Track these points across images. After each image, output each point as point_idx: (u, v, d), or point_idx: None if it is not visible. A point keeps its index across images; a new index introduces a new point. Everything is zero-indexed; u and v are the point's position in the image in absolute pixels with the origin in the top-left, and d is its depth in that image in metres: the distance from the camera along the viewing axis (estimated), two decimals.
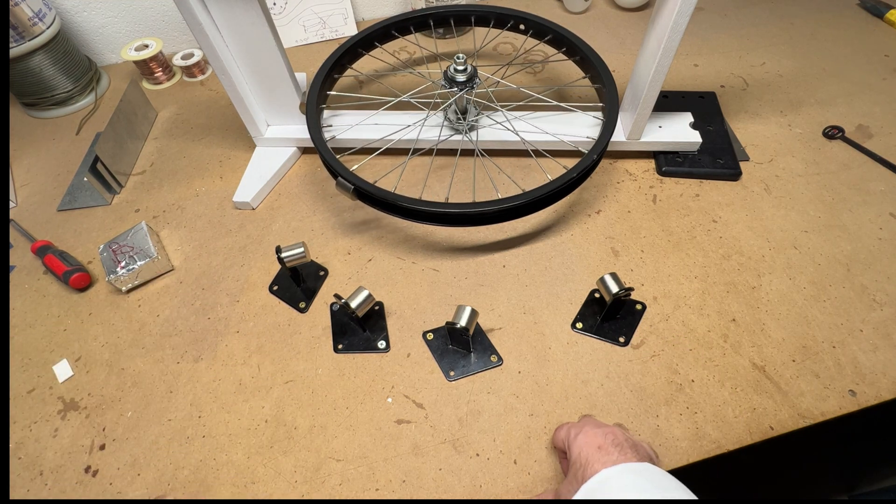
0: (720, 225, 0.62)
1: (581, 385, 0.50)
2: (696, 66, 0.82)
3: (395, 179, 0.67)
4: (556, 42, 0.69)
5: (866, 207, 0.62)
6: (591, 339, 0.53)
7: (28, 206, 0.71)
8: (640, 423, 0.47)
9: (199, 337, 0.56)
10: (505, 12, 0.70)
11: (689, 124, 0.68)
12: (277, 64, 0.64)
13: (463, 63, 0.61)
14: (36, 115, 0.85)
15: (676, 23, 0.51)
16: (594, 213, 0.64)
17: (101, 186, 0.69)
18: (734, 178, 0.66)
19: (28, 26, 0.74)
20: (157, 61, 0.86)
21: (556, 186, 0.55)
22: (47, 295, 0.61)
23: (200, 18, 0.57)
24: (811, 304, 0.55)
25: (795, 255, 0.59)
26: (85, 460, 0.48)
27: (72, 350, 0.56)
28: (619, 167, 0.69)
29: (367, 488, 0.45)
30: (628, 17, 0.94)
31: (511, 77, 0.75)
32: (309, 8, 0.92)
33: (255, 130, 0.70)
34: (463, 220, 0.57)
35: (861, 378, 0.49)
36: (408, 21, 0.71)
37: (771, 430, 0.47)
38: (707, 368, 0.51)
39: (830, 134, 0.71)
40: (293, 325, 0.56)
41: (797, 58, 0.83)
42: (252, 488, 0.46)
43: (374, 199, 0.57)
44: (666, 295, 0.56)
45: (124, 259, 0.59)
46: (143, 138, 0.78)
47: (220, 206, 0.68)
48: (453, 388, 0.51)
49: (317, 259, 0.61)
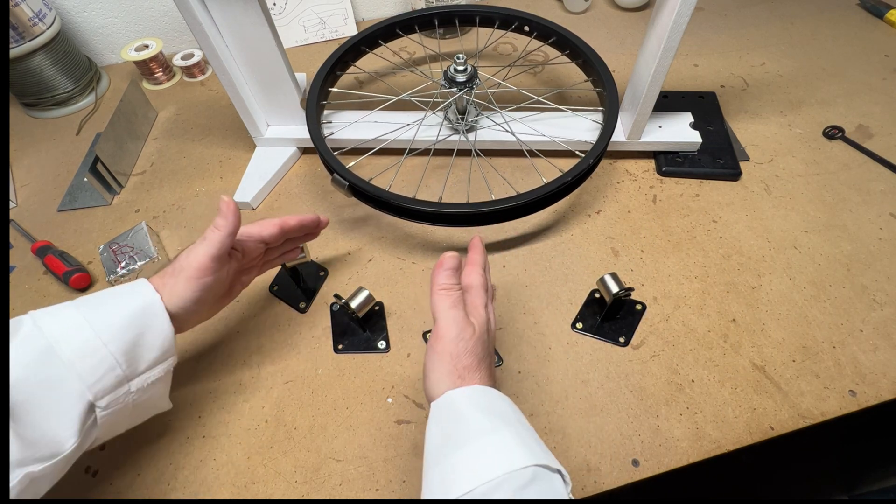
0: (720, 225, 0.62)
1: (581, 385, 0.50)
2: (696, 66, 0.82)
3: (393, 178, 0.67)
4: (559, 45, 0.69)
5: (866, 207, 0.63)
6: (591, 339, 0.53)
7: (28, 206, 0.71)
8: (640, 423, 0.47)
9: (199, 337, 0.56)
10: (510, 13, 0.70)
11: (689, 124, 0.68)
12: (277, 64, 0.64)
13: (463, 63, 0.61)
14: (36, 116, 0.85)
15: (676, 23, 0.51)
16: (594, 213, 0.64)
17: (101, 186, 0.69)
18: (734, 178, 0.66)
19: (28, 26, 0.74)
20: (157, 61, 0.86)
21: (549, 190, 0.55)
22: (47, 295, 0.61)
23: (200, 18, 0.57)
24: (811, 304, 0.55)
25: (795, 255, 0.59)
26: (85, 460, 0.48)
27: None
28: (619, 167, 0.69)
29: (367, 488, 0.45)
30: (628, 17, 0.94)
31: (511, 78, 0.75)
32: (309, 8, 0.92)
33: (255, 130, 0.70)
34: (455, 219, 0.57)
35: (861, 378, 0.49)
36: (413, 20, 0.72)
37: (771, 430, 0.47)
38: (707, 368, 0.51)
39: (830, 134, 0.71)
40: (293, 325, 0.56)
41: (797, 58, 0.83)
42: (252, 488, 0.46)
43: (369, 197, 0.58)
44: (666, 295, 0.56)
45: (124, 259, 0.59)
46: (143, 138, 0.79)
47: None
48: None
49: (317, 259, 0.61)
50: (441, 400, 0.36)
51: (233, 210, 0.42)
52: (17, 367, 0.33)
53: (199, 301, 0.42)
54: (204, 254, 0.41)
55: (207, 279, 0.42)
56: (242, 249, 0.47)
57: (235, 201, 0.40)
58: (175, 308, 0.40)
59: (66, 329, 0.35)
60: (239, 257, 0.46)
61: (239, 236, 0.45)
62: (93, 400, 0.35)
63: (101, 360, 0.35)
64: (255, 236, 0.47)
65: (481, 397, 0.36)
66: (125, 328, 0.37)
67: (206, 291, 0.42)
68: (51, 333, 0.35)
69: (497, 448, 0.33)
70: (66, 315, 0.36)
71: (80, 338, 0.35)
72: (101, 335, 0.36)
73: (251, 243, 0.47)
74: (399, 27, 0.72)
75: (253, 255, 0.48)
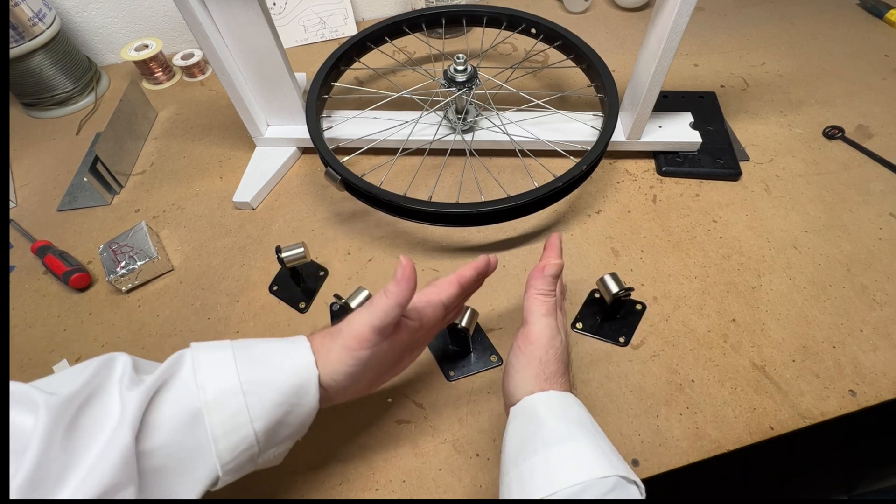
0: (720, 225, 0.62)
1: (581, 385, 0.50)
2: (696, 66, 0.82)
3: (386, 175, 0.67)
4: (564, 48, 0.69)
5: (866, 207, 0.62)
6: (591, 339, 0.53)
7: (28, 206, 0.71)
8: (640, 423, 0.47)
9: (199, 337, 0.56)
10: (518, 15, 0.71)
11: (689, 124, 0.68)
12: (277, 64, 0.64)
13: (463, 63, 0.61)
14: (36, 115, 0.85)
15: (676, 23, 0.52)
16: (594, 213, 0.64)
17: (101, 186, 0.69)
18: (734, 178, 0.66)
19: (28, 26, 0.74)
20: (157, 61, 0.86)
21: (539, 194, 0.55)
22: (47, 295, 0.61)
23: (200, 18, 0.57)
24: (811, 304, 0.55)
25: (795, 255, 0.59)
26: None
27: (72, 350, 0.56)
28: (619, 167, 0.69)
29: (367, 488, 0.45)
30: (628, 17, 0.94)
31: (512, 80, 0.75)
32: (309, 8, 0.92)
33: (255, 130, 0.70)
34: (443, 219, 0.58)
35: (861, 378, 0.49)
36: (420, 18, 0.72)
37: (771, 430, 0.47)
38: (707, 368, 0.51)
39: (830, 134, 0.71)
40: (293, 325, 0.56)
41: (797, 58, 0.83)
42: (252, 488, 0.46)
43: (360, 192, 0.58)
44: (666, 295, 0.56)
45: (124, 259, 0.59)
46: (143, 138, 0.79)
47: (220, 206, 0.68)
48: (453, 388, 0.51)
49: (317, 259, 0.61)
50: (521, 405, 0.37)
51: (408, 276, 0.34)
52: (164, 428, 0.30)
53: (352, 376, 0.36)
54: (365, 323, 0.35)
55: (363, 352, 0.35)
56: (419, 317, 0.39)
57: (413, 265, 0.35)
58: (326, 380, 0.35)
59: (220, 395, 0.32)
60: (414, 327, 0.38)
61: (415, 303, 0.39)
62: (221, 475, 0.32)
63: (243, 438, 0.32)
64: (434, 301, 0.39)
65: (560, 403, 0.37)
66: (276, 406, 0.33)
67: (361, 366, 0.35)
68: (205, 395, 0.31)
69: (578, 455, 0.33)
70: (223, 375, 0.33)
71: (232, 409, 0.32)
72: (251, 410, 0.32)
73: (429, 310, 0.39)
74: (406, 25, 0.72)
75: (431, 323, 0.40)
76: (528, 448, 0.34)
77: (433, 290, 0.39)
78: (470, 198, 0.63)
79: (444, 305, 0.39)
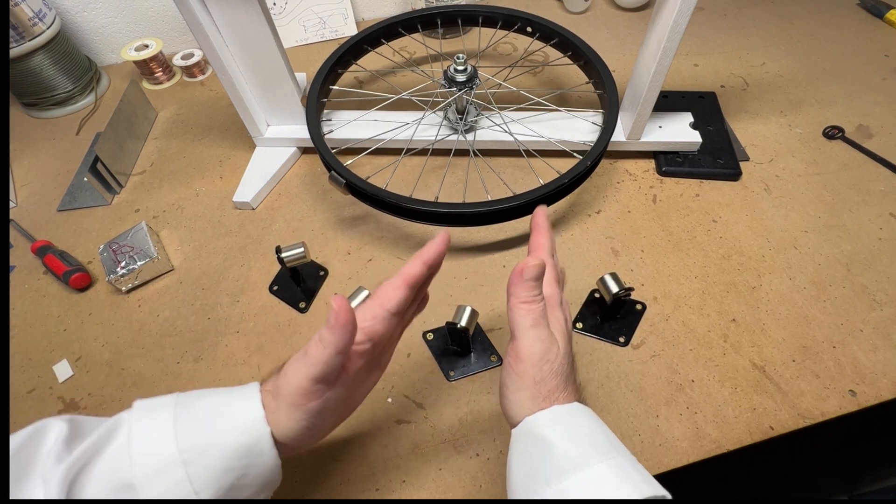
0: (720, 225, 0.62)
1: (581, 385, 0.50)
2: (696, 66, 0.82)
3: (391, 177, 0.67)
4: (561, 46, 0.69)
5: (866, 207, 0.62)
6: (591, 339, 0.53)
7: (28, 206, 0.71)
8: (640, 423, 0.47)
9: (199, 337, 0.56)
10: (513, 14, 0.71)
11: (689, 124, 0.68)
12: (277, 64, 0.64)
13: (463, 63, 0.61)
14: (36, 115, 0.85)
15: (676, 23, 0.51)
16: (594, 213, 0.64)
17: (101, 186, 0.69)
18: (734, 178, 0.66)
19: (28, 26, 0.74)
20: (157, 61, 0.86)
21: (546, 191, 0.55)
22: (47, 295, 0.61)
23: (200, 18, 0.57)
24: (811, 304, 0.55)
25: (795, 255, 0.59)
26: None
27: (72, 350, 0.56)
28: (619, 167, 0.69)
29: (367, 488, 0.45)
30: (628, 17, 0.94)
31: (511, 79, 0.75)
32: (309, 8, 0.92)
33: (255, 130, 0.70)
34: (449, 219, 0.57)
35: (861, 378, 0.49)
36: (415, 19, 0.72)
37: (771, 430, 0.47)
38: (707, 368, 0.51)
39: (830, 134, 0.71)
40: (293, 325, 0.56)
41: (797, 58, 0.83)
42: None
43: (365, 195, 0.58)
44: (666, 295, 0.56)
45: (124, 259, 0.59)
46: (143, 138, 0.79)
47: (220, 206, 0.68)
48: (453, 388, 0.51)
49: (317, 259, 0.61)
50: (523, 427, 0.33)
51: (342, 322, 0.30)
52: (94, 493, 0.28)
53: (310, 427, 0.32)
54: (304, 377, 0.31)
55: (313, 404, 0.32)
56: (369, 337, 0.34)
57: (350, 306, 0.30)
58: (281, 437, 0.32)
59: (158, 468, 0.29)
60: (366, 349, 0.34)
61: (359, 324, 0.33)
62: None
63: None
64: (380, 315, 0.34)
65: (568, 418, 0.32)
66: (224, 472, 0.30)
67: (315, 416, 0.32)
68: (139, 469, 0.29)
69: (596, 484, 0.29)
70: (161, 444, 0.30)
71: (172, 481, 0.29)
72: (194, 481, 0.29)
73: (378, 325, 0.34)
74: (401, 26, 0.72)
75: (386, 337, 0.36)
76: (537, 478, 0.30)
77: (377, 303, 0.35)
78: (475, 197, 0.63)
79: (394, 314, 0.35)
